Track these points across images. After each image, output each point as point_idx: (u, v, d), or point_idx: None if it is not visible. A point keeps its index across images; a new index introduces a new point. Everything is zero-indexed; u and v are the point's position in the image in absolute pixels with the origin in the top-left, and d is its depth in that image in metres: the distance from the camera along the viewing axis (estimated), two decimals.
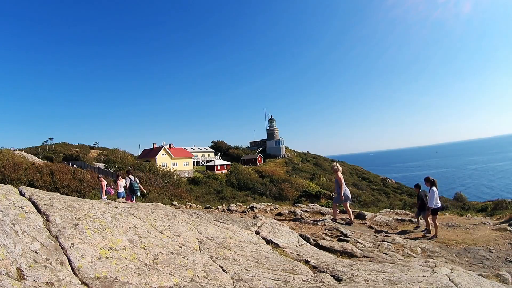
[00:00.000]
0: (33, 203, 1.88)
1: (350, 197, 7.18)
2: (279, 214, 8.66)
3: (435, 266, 2.81)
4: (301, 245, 3.93)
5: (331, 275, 2.26)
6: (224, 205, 12.82)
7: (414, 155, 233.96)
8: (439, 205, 6.73)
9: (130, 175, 10.52)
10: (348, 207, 7.40)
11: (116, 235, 1.88)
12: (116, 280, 1.47)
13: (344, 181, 7.27)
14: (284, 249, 3.19)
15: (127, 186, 10.17)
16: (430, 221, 6.87)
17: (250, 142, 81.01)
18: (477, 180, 63.26)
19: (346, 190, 7.14)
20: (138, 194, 10.38)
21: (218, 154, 68.99)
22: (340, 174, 7.16)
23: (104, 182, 11.69)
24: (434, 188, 6.75)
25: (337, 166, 7.31)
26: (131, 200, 9.89)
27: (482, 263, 4.82)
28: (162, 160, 49.12)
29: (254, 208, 9.78)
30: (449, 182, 63.40)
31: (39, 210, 1.81)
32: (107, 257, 1.62)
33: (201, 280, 1.72)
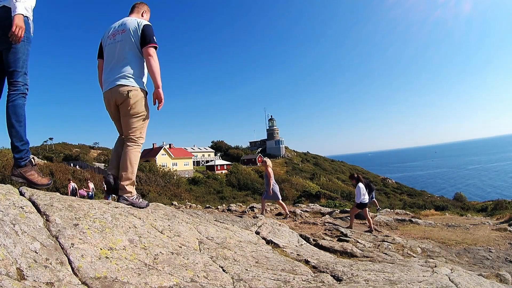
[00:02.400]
0: (33, 203, 1.88)
1: (278, 194, 7.06)
2: (279, 214, 8.66)
3: (435, 266, 2.81)
4: (301, 245, 3.93)
5: (331, 275, 2.26)
6: (224, 205, 12.82)
7: (413, 155, 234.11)
8: (366, 200, 7.04)
9: None
10: (281, 202, 7.35)
11: (116, 235, 1.88)
12: (116, 280, 1.46)
13: (274, 176, 7.14)
14: (284, 249, 3.20)
15: (104, 188, 11.84)
16: (357, 215, 7.35)
17: (250, 142, 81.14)
18: (477, 180, 63.31)
19: (274, 186, 6.99)
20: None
21: (218, 154, 69.03)
22: (269, 170, 7.03)
23: (71, 185, 12.98)
24: (359, 184, 7.04)
25: (266, 161, 7.24)
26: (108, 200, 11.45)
27: (482, 263, 4.82)
28: (162, 160, 49.15)
29: (254, 208, 9.78)
30: (448, 182, 63.44)
31: (39, 210, 1.81)
32: (107, 257, 1.62)
33: (201, 280, 1.72)
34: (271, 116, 77.45)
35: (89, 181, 12.33)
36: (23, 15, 2.11)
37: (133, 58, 2.55)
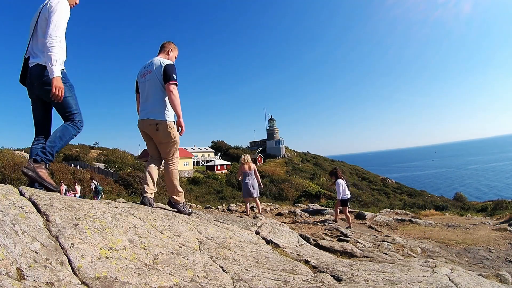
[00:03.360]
0: (33, 203, 1.88)
1: (247, 193, 6.66)
2: (279, 214, 8.66)
3: (435, 266, 2.81)
4: (301, 245, 3.93)
5: (331, 275, 2.26)
6: (224, 205, 12.82)
7: (413, 155, 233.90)
8: (347, 196, 6.92)
9: (94, 181, 14.33)
10: (246, 202, 7.11)
11: (116, 235, 1.88)
12: (116, 280, 1.46)
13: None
14: (284, 249, 3.20)
15: (93, 189, 13.32)
16: (342, 213, 7.09)
17: (250, 142, 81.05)
18: (477, 180, 63.26)
19: (248, 184, 6.61)
20: (101, 195, 14.21)
21: (218, 154, 68.97)
22: (244, 167, 6.68)
23: (63, 187, 14.21)
24: (339, 180, 6.94)
25: (242, 158, 6.90)
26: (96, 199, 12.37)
27: (482, 263, 4.82)
28: None
29: (254, 208, 9.78)
30: (449, 182, 63.43)
31: (39, 210, 1.81)
32: (107, 257, 1.62)
33: (201, 280, 1.72)
34: (271, 116, 77.37)
35: (76, 184, 13.76)
36: (60, 76, 2.32)
37: (159, 95, 3.07)
